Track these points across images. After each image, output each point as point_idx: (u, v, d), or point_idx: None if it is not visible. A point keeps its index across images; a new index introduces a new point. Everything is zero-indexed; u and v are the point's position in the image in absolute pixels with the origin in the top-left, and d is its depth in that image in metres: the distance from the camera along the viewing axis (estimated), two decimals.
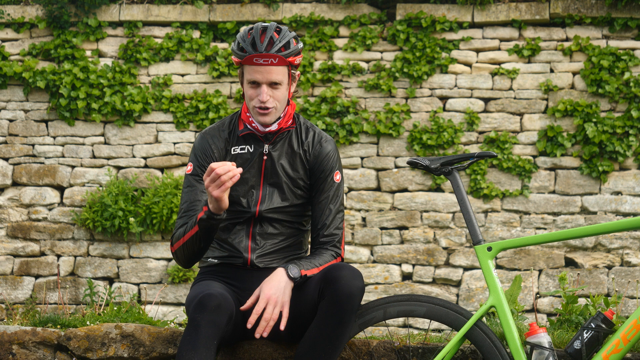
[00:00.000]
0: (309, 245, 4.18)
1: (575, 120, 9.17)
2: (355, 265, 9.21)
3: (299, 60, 4.01)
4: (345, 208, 9.22)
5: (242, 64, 3.98)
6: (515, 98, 9.34)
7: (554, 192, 9.23)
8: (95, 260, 9.48)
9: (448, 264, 9.24)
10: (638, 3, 9.17)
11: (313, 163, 4.09)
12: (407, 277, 9.27)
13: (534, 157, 9.26)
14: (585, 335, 3.84)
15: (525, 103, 9.32)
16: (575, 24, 9.36)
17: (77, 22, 9.68)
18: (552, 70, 9.34)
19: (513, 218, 9.22)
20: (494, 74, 9.37)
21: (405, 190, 9.36)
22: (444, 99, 9.42)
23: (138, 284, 9.46)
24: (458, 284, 9.21)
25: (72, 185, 9.61)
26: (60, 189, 9.64)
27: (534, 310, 6.00)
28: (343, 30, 9.56)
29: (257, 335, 3.82)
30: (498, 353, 3.88)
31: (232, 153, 4.08)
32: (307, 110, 9.39)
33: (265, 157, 4.07)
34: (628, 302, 8.78)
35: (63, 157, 9.63)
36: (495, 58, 9.40)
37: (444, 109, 9.40)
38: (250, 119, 4.05)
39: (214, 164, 3.73)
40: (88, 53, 9.71)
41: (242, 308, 3.90)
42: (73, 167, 9.63)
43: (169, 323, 4.65)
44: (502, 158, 9.22)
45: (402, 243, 9.27)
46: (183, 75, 9.67)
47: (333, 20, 9.55)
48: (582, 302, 4.88)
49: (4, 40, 9.77)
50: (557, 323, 4.65)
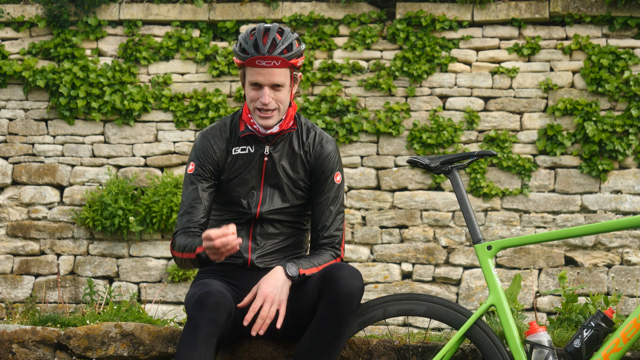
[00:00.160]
0: (309, 244, 4.18)
1: (575, 119, 9.17)
2: (355, 264, 9.21)
3: (301, 62, 4.00)
4: (345, 207, 9.21)
5: (244, 66, 3.98)
6: (515, 97, 9.34)
7: (554, 191, 9.23)
8: (95, 259, 9.48)
9: (448, 263, 9.24)
10: (638, 2, 9.17)
11: (314, 164, 4.08)
12: (407, 276, 9.27)
13: (534, 155, 9.26)
14: (585, 334, 3.84)
15: (525, 102, 9.32)
16: (575, 23, 9.36)
17: (76, 21, 9.67)
18: (552, 69, 9.34)
19: (513, 217, 9.22)
20: (494, 73, 9.37)
21: (405, 189, 9.36)
22: (444, 98, 9.42)
23: (138, 283, 9.46)
24: (458, 283, 9.21)
25: (72, 184, 9.61)
26: (60, 188, 9.64)
27: (534, 309, 6.01)
28: (343, 29, 9.56)
29: (253, 333, 3.82)
30: (498, 352, 3.88)
31: (232, 154, 4.07)
32: (307, 109, 9.39)
33: (266, 158, 4.06)
34: (628, 300, 8.78)
35: (63, 156, 9.63)
36: (495, 57, 9.40)
37: (444, 108, 9.40)
38: (252, 120, 4.05)
39: (213, 234, 3.71)
40: (88, 52, 9.71)
41: (239, 305, 3.90)
42: (73, 166, 9.63)
43: (169, 322, 4.65)
44: (501, 157, 9.22)
45: (402, 242, 9.27)
46: (183, 74, 9.67)
47: (333, 19, 9.55)
48: (582, 300, 4.89)
49: (4, 39, 9.77)
50: (557, 322, 4.65)
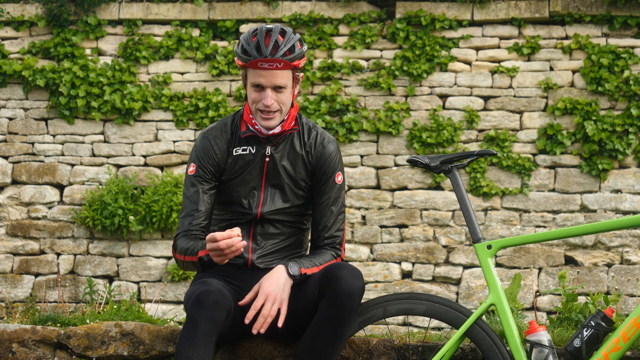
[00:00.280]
0: (309, 244, 4.18)
1: (575, 119, 9.17)
2: (355, 264, 9.21)
3: (303, 63, 3.99)
4: (345, 206, 9.21)
5: (245, 67, 3.97)
6: (515, 96, 9.34)
7: (554, 190, 9.23)
8: (95, 259, 9.48)
9: (448, 262, 9.23)
10: (638, 1, 9.17)
11: (315, 164, 4.08)
12: (406, 275, 9.27)
13: (534, 155, 9.26)
14: (585, 334, 3.84)
15: (525, 101, 9.32)
16: (575, 22, 9.35)
17: (76, 20, 9.67)
18: (551, 69, 9.34)
19: (513, 216, 9.22)
20: (494, 72, 9.37)
21: (405, 189, 9.36)
22: (444, 97, 9.42)
23: (138, 283, 9.46)
24: (458, 282, 9.21)
25: (71, 184, 9.60)
26: (60, 188, 9.64)
27: (534, 309, 6.01)
28: (343, 29, 9.56)
29: (254, 331, 3.82)
30: (498, 351, 3.88)
31: (233, 154, 4.07)
32: (306, 109, 9.38)
33: (268, 158, 4.06)
34: (628, 300, 8.78)
35: (63, 155, 9.63)
36: (495, 56, 9.40)
37: (444, 107, 9.40)
38: (253, 121, 4.04)
39: (218, 236, 3.72)
40: (88, 51, 9.71)
41: (240, 303, 3.90)
42: (73, 165, 9.63)
43: (169, 321, 4.65)
44: (501, 156, 9.21)
45: (401, 241, 9.27)
46: (183, 74, 9.67)
47: (333, 19, 9.55)
48: (581, 300, 4.88)
49: (4, 39, 9.77)
50: (557, 321, 4.65)
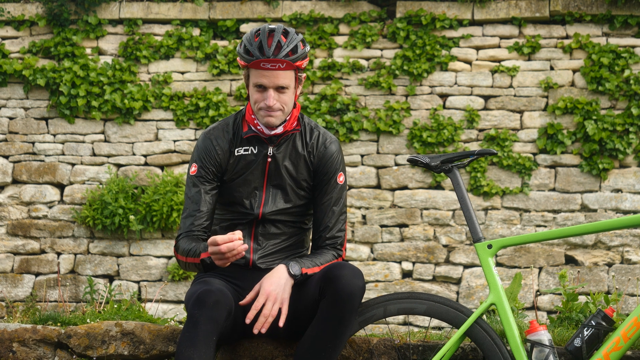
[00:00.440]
0: (310, 244, 4.18)
1: (576, 118, 9.17)
2: (356, 263, 9.21)
3: (306, 63, 3.99)
4: (347, 206, 9.21)
5: (248, 67, 3.97)
6: (515, 96, 9.34)
7: (554, 189, 9.23)
8: (96, 258, 9.48)
9: (448, 262, 9.23)
10: (638, 1, 9.17)
11: (317, 165, 4.07)
12: (407, 274, 9.27)
13: (534, 154, 9.26)
14: (586, 333, 3.84)
15: (526, 100, 9.31)
16: (575, 22, 9.35)
17: (77, 20, 9.67)
18: (552, 68, 9.34)
19: (513, 216, 9.22)
20: (494, 72, 9.37)
21: (406, 188, 9.36)
22: (444, 97, 9.42)
23: (138, 282, 9.46)
24: (458, 282, 9.21)
25: (72, 183, 9.60)
26: (61, 187, 9.64)
27: (534, 308, 6.00)
28: (343, 28, 9.56)
29: (255, 331, 3.81)
30: (498, 351, 3.88)
31: (235, 154, 4.06)
32: (307, 108, 9.38)
33: (270, 159, 4.05)
34: (628, 299, 8.78)
35: (63, 154, 9.63)
36: (495, 56, 9.39)
37: (444, 107, 9.40)
38: (255, 121, 4.03)
39: (220, 240, 3.72)
40: (88, 51, 9.71)
41: (241, 303, 3.90)
42: (73, 164, 9.63)
43: (169, 321, 4.65)
44: (502, 156, 9.21)
45: (402, 241, 9.27)
46: (183, 73, 9.67)
47: (333, 18, 9.55)
48: (582, 299, 4.88)
49: (4, 38, 9.77)
50: (557, 321, 4.65)
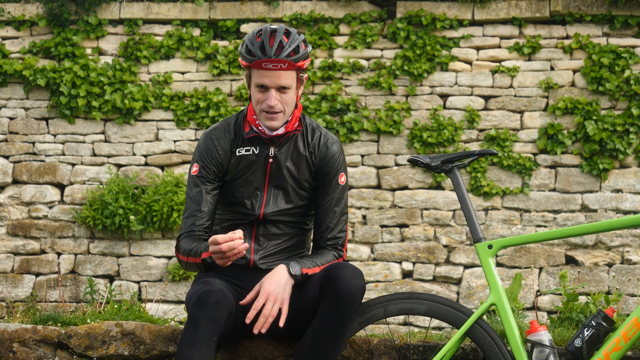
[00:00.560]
0: (311, 244, 4.18)
1: (576, 118, 9.17)
2: (356, 263, 9.21)
3: (308, 64, 3.99)
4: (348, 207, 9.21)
5: (249, 67, 3.97)
6: (516, 96, 9.34)
7: (555, 189, 9.23)
8: (96, 258, 9.48)
9: (448, 262, 9.23)
10: (638, 1, 9.16)
11: (319, 165, 4.07)
12: (407, 275, 9.27)
13: (535, 154, 9.26)
14: (586, 333, 3.84)
15: (526, 101, 9.31)
16: (576, 22, 9.35)
17: (77, 20, 9.67)
18: (552, 68, 9.34)
19: (513, 216, 9.22)
20: (495, 72, 9.37)
21: (406, 188, 9.36)
22: (445, 97, 9.42)
23: (138, 282, 9.46)
24: (458, 282, 9.21)
25: (72, 183, 9.61)
26: (61, 187, 9.64)
27: (535, 308, 6.01)
28: (343, 28, 9.56)
29: (255, 331, 3.81)
30: (499, 351, 3.88)
31: (237, 154, 4.06)
32: (307, 108, 9.38)
33: (271, 159, 4.05)
34: (628, 300, 8.78)
35: (63, 155, 9.63)
36: (496, 56, 9.39)
37: (445, 107, 9.40)
38: (257, 122, 4.03)
39: (220, 239, 3.72)
40: (88, 51, 9.71)
41: (241, 303, 3.90)
42: (73, 165, 9.63)
43: (170, 321, 4.65)
44: (502, 156, 9.21)
45: (402, 241, 9.27)
46: (183, 73, 9.67)
47: (333, 18, 9.55)
48: (582, 300, 4.88)
49: (5, 38, 9.77)
50: (557, 321, 4.65)
